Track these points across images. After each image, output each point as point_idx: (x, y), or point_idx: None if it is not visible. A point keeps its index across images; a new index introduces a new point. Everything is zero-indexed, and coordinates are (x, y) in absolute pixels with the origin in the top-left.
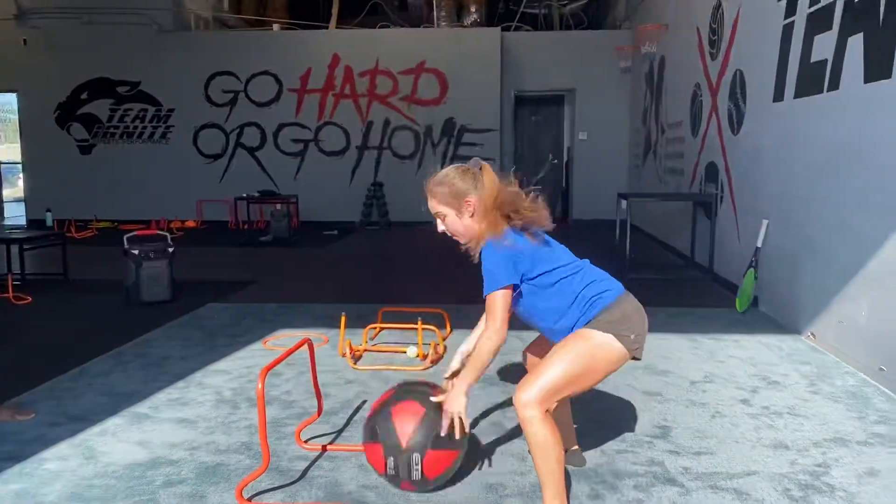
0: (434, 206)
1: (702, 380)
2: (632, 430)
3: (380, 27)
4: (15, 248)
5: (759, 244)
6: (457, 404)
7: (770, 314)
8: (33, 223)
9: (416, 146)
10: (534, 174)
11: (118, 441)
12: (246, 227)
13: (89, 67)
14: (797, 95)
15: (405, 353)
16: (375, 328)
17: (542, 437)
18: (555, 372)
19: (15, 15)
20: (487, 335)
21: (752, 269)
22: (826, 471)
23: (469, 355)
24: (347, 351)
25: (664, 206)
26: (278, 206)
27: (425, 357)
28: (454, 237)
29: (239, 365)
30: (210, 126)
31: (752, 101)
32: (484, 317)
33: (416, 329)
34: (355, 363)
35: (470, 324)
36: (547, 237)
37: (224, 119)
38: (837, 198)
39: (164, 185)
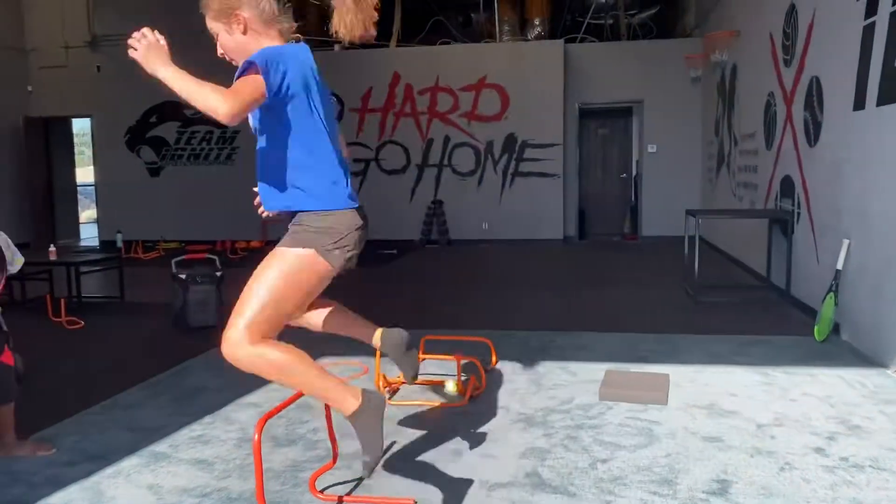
0: (207, 22)
1: (771, 423)
2: (686, 484)
3: (440, 44)
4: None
5: (840, 266)
6: (151, 60)
7: (853, 344)
8: (105, 244)
9: (477, 163)
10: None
11: (129, 485)
12: None
13: (158, 91)
14: (880, 103)
15: (444, 386)
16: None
17: (274, 360)
18: (259, 300)
19: (88, 42)
20: (221, 97)
21: (832, 294)
22: None
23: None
24: (382, 384)
25: (738, 223)
26: None
27: (464, 392)
28: (231, 60)
29: (272, 397)
30: None
31: (830, 110)
32: None
33: (460, 360)
34: (390, 398)
35: (517, 352)
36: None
37: None
38: None
39: (229, 205)
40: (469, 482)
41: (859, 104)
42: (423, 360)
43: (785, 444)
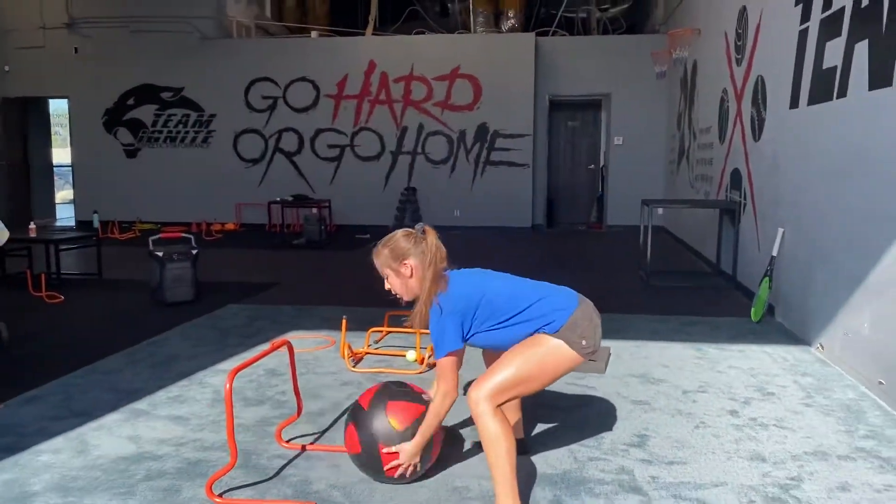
0: (378, 265)
1: (695, 390)
2: (611, 438)
3: (416, 33)
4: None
5: (775, 252)
6: (411, 457)
7: (784, 324)
8: (82, 224)
9: (450, 151)
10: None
11: (111, 436)
12: (283, 230)
13: (136, 74)
14: (811, 102)
15: (405, 356)
16: (380, 331)
17: (493, 430)
18: (507, 373)
19: (66, 24)
20: (440, 399)
21: (767, 278)
22: (797, 484)
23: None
24: (347, 353)
25: (694, 213)
26: (313, 210)
27: (423, 361)
28: (398, 296)
29: None
30: (250, 131)
31: (772, 107)
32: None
33: (420, 333)
34: (354, 366)
35: None
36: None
37: (263, 124)
38: (845, 206)
39: (205, 188)
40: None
41: (794, 103)
42: (388, 332)
43: (704, 407)
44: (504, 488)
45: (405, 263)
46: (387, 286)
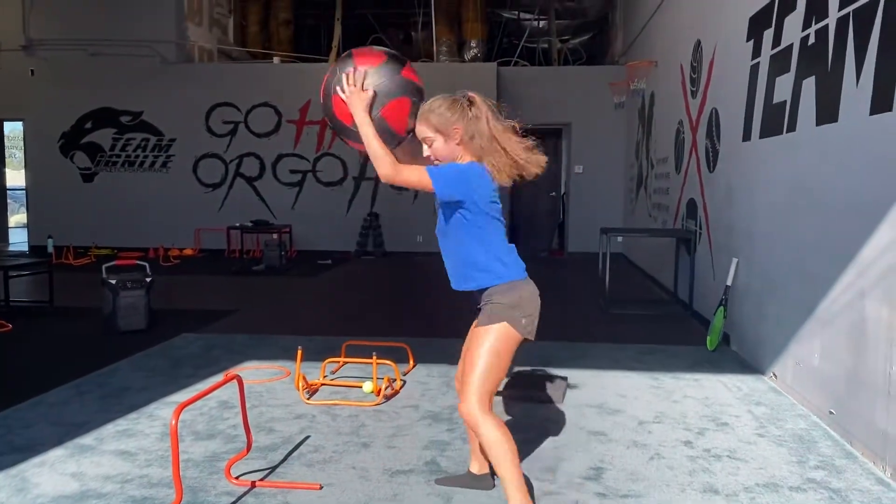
0: (423, 131)
1: (651, 420)
2: (566, 470)
3: None
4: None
5: (729, 282)
6: (355, 104)
7: (739, 353)
8: (35, 249)
9: None
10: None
11: (54, 473)
12: (242, 255)
13: (94, 97)
14: (762, 136)
15: (361, 387)
16: (337, 362)
17: (492, 437)
18: (477, 373)
19: (23, 46)
20: (388, 158)
21: (722, 307)
22: None
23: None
24: (302, 385)
25: (652, 241)
26: (273, 236)
27: (380, 392)
28: (437, 161)
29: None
30: (210, 156)
31: (725, 139)
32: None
33: (377, 363)
34: (309, 398)
35: (435, 357)
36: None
37: (224, 149)
38: (795, 238)
39: (163, 213)
40: (372, 469)
41: (747, 136)
42: (345, 363)
43: (659, 438)
44: (512, 487)
45: (456, 128)
46: (427, 152)
